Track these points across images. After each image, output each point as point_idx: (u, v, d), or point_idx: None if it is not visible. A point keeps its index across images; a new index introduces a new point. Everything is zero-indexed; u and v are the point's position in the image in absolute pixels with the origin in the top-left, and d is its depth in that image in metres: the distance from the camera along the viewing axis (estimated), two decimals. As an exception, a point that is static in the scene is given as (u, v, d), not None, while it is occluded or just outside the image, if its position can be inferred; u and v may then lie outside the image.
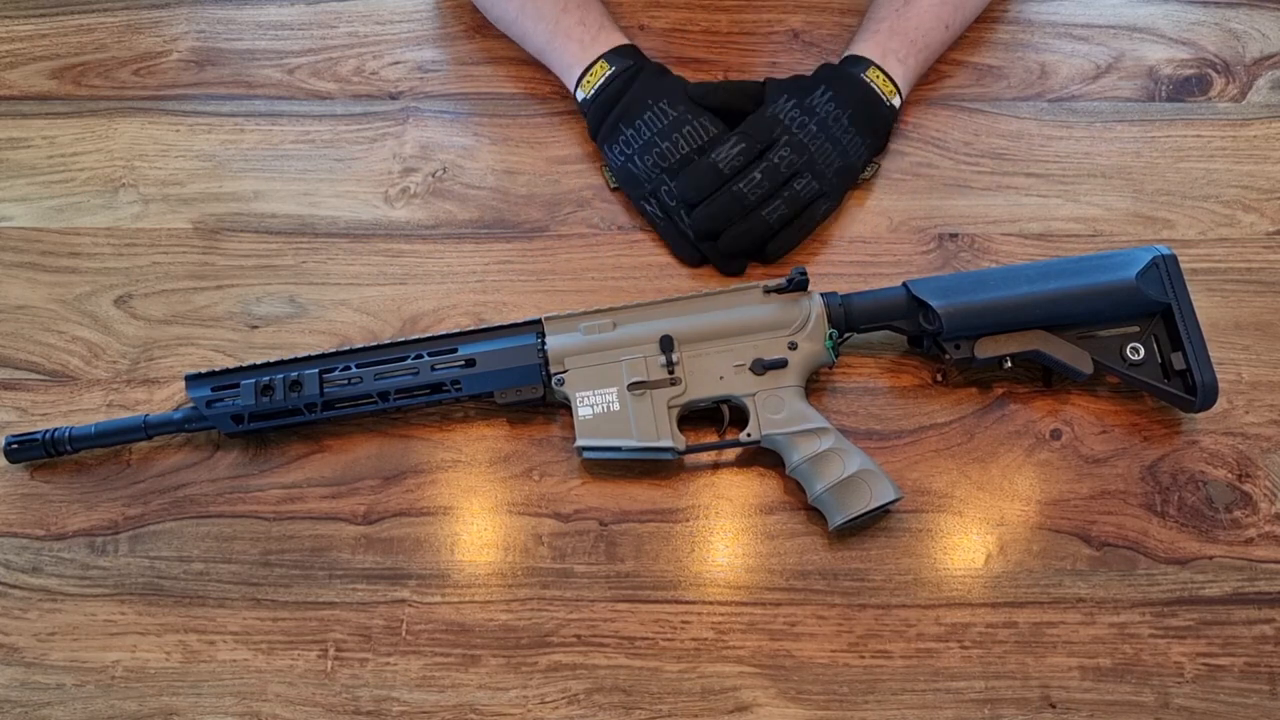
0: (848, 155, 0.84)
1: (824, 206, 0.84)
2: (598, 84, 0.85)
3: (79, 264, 0.87)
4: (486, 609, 0.73)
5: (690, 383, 0.76)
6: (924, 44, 0.88)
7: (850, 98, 0.83)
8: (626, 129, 0.84)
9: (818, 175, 0.82)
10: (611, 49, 0.86)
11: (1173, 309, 0.75)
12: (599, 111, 0.86)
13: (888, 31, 0.87)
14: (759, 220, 0.81)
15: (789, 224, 0.82)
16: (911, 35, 0.87)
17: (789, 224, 0.82)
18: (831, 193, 0.84)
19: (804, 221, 0.83)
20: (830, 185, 0.83)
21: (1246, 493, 0.76)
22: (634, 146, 0.84)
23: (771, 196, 0.80)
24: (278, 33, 0.98)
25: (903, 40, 0.87)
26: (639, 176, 0.84)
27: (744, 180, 0.80)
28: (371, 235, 0.88)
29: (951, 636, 0.72)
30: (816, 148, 0.82)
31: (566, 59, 0.88)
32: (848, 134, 0.83)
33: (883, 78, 0.85)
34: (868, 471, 0.72)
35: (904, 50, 0.87)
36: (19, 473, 0.79)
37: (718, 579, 0.74)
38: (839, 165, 0.83)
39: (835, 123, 0.82)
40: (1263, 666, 0.71)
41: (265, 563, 0.75)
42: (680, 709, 0.70)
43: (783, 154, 0.80)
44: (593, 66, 0.86)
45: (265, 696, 0.71)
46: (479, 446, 0.79)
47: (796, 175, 0.81)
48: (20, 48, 0.98)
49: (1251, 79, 0.94)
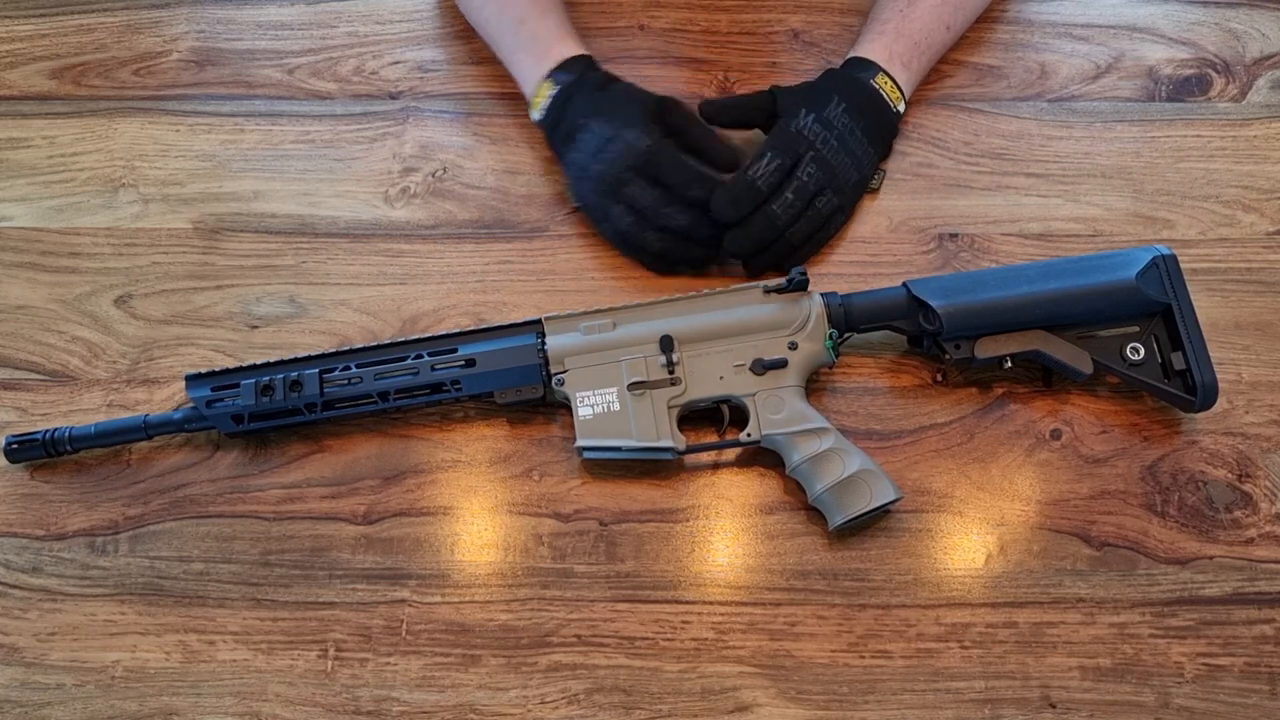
0: (862, 168, 0.84)
1: (839, 220, 0.84)
2: (544, 104, 0.84)
3: (79, 264, 0.87)
4: (486, 609, 0.73)
5: (690, 383, 0.76)
6: (927, 45, 0.88)
7: (863, 108, 0.83)
8: (568, 152, 0.83)
9: (837, 191, 0.81)
10: (556, 65, 0.84)
11: (1173, 309, 0.75)
12: (548, 133, 0.86)
13: (893, 34, 0.87)
14: (785, 242, 0.80)
15: (808, 239, 0.82)
16: (916, 37, 0.87)
17: (808, 239, 0.82)
18: (846, 206, 0.84)
19: (821, 236, 0.83)
20: (847, 199, 0.83)
21: (1246, 493, 0.76)
22: (575, 169, 0.83)
23: (798, 217, 0.80)
24: (278, 33, 0.98)
25: (907, 43, 0.87)
26: (588, 202, 0.83)
27: (777, 201, 0.78)
28: (371, 235, 0.88)
29: (951, 636, 0.72)
30: (838, 163, 0.81)
31: (521, 77, 0.88)
32: (861, 145, 0.83)
33: (890, 84, 0.85)
34: (868, 471, 0.72)
35: (908, 54, 0.87)
36: (19, 473, 0.79)
37: (718, 579, 0.74)
38: (855, 179, 0.83)
39: (851, 135, 0.82)
40: (1263, 666, 0.71)
41: (265, 563, 0.75)
42: (680, 709, 0.70)
43: (810, 171, 0.79)
44: (539, 88, 0.85)
45: (265, 696, 0.71)
46: (479, 446, 0.79)
47: (820, 193, 0.80)
48: (20, 48, 0.98)
49: (1251, 79, 0.94)
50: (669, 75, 0.94)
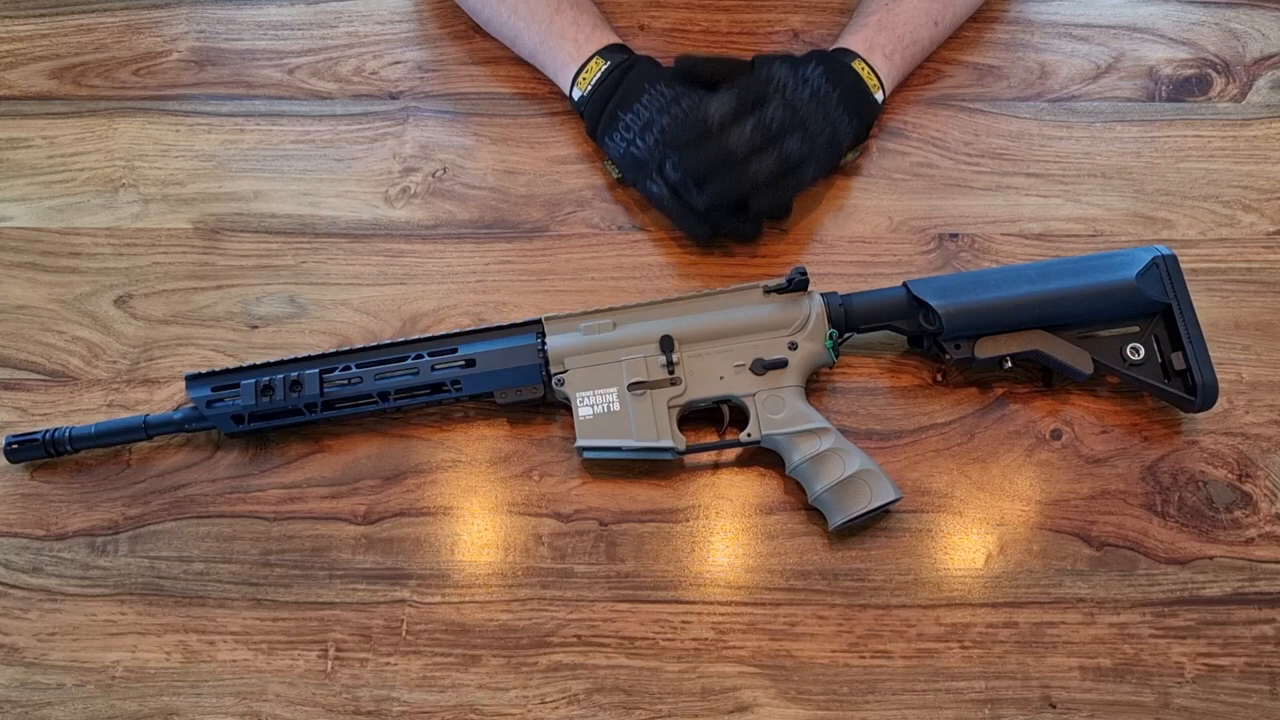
0: (836, 129, 0.82)
1: (811, 170, 0.81)
2: (594, 79, 0.85)
3: (79, 264, 0.87)
4: (486, 609, 0.73)
5: (690, 383, 0.76)
6: (911, 40, 0.88)
7: (840, 79, 0.83)
8: (625, 114, 0.83)
9: (809, 137, 0.79)
10: (605, 46, 0.87)
11: (1173, 309, 0.75)
12: (597, 104, 0.85)
13: (876, 26, 0.87)
14: (746, 174, 0.77)
15: (776, 183, 0.79)
16: (899, 31, 0.87)
17: (776, 183, 0.79)
18: (819, 157, 0.81)
19: (792, 181, 0.80)
20: (819, 150, 0.81)
21: (1246, 493, 0.76)
22: (634, 130, 0.83)
23: (760, 151, 0.77)
24: (278, 33, 0.98)
25: (890, 35, 0.87)
26: (642, 158, 0.83)
27: (734, 132, 0.77)
28: (371, 235, 0.88)
29: (952, 636, 0.72)
30: (809, 112, 0.79)
31: (561, 58, 0.88)
32: (836, 110, 0.82)
33: (868, 71, 0.85)
34: (868, 471, 0.72)
35: (890, 46, 0.87)
36: (19, 473, 0.79)
37: (718, 579, 0.74)
38: (828, 135, 0.81)
39: (826, 97, 0.81)
40: (1263, 666, 0.71)
41: (265, 563, 0.75)
42: (680, 709, 0.70)
43: (775, 112, 0.77)
44: (588, 63, 0.86)
45: (265, 696, 0.71)
46: (479, 446, 0.79)
47: (788, 133, 0.78)
48: (20, 48, 0.98)
49: (1251, 79, 0.94)
50: (669, 75, 0.94)
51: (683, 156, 0.79)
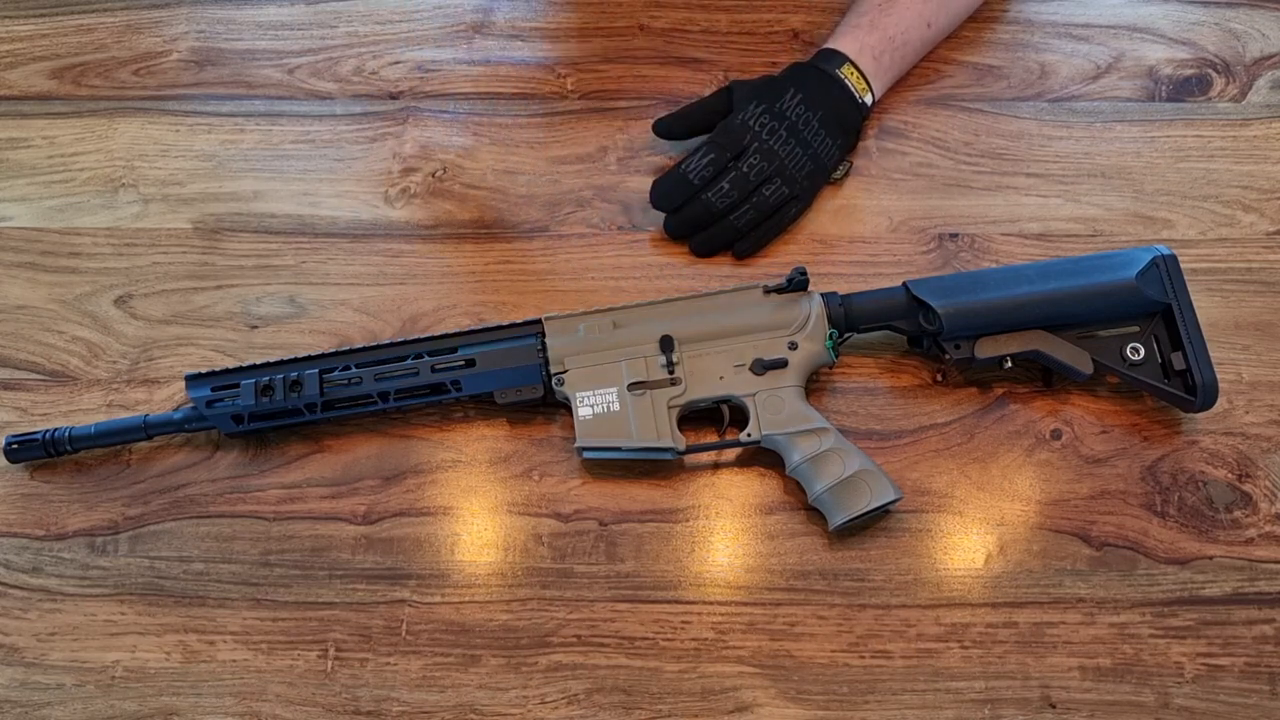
0: (819, 158, 0.84)
1: (794, 209, 0.85)
2: None
3: (79, 264, 0.87)
4: (486, 609, 0.73)
5: (690, 383, 0.76)
6: (903, 40, 0.88)
7: (820, 99, 0.84)
8: None
9: (788, 181, 0.83)
10: None
11: (1173, 309, 0.75)
12: None
13: (868, 26, 0.87)
14: (728, 225, 0.83)
15: (758, 226, 0.84)
16: (891, 31, 0.87)
17: (758, 226, 0.84)
18: (803, 195, 0.85)
19: (773, 224, 0.84)
20: (801, 189, 0.84)
21: (1246, 493, 0.76)
22: None
23: (740, 204, 0.82)
24: (278, 33, 0.98)
25: (881, 36, 0.87)
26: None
27: (713, 190, 0.82)
28: (371, 235, 0.88)
29: (951, 636, 0.72)
30: (787, 153, 0.83)
31: None
32: (818, 136, 0.84)
33: (856, 74, 0.85)
34: (868, 471, 0.72)
35: (880, 46, 0.87)
36: (19, 473, 0.79)
37: (718, 579, 0.74)
38: (810, 169, 0.84)
39: (805, 126, 0.83)
40: (1263, 666, 0.71)
41: (265, 563, 0.75)
42: (680, 709, 0.70)
43: (752, 162, 0.82)
44: None
45: (265, 696, 0.71)
46: (479, 446, 0.79)
47: (766, 182, 0.82)
48: (20, 48, 0.98)
49: (1251, 79, 0.93)
50: (669, 75, 0.94)
51: (669, 217, 0.85)
